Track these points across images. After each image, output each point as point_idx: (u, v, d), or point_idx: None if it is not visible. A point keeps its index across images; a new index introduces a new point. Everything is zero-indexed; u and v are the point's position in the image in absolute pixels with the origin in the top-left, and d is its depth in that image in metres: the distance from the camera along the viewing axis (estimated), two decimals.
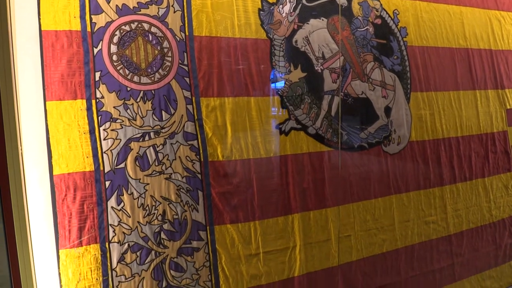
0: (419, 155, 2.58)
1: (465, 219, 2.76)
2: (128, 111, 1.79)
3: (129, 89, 1.80)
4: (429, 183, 2.62)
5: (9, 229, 1.72)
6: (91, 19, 1.75)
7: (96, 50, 1.75)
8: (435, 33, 2.70)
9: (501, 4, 3.08)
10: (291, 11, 2.19)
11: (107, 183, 1.75)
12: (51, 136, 1.69)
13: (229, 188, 1.99)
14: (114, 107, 1.77)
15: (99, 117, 1.75)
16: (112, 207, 1.75)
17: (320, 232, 2.22)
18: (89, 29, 1.75)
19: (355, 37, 2.39)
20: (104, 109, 1.75)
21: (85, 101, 1.73)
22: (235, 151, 2.01)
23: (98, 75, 1.75)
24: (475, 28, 2.90)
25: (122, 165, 1.77)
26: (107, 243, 1.73)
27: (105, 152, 1.75)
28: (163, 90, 1.86)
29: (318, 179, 2.22)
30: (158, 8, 1.87)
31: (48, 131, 1.68)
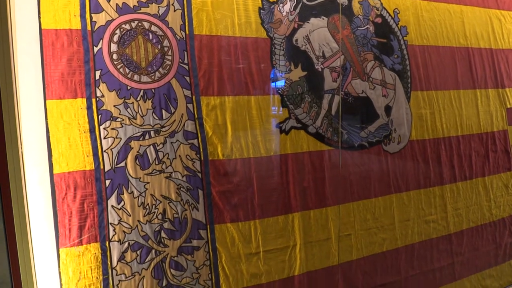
0: (420, 154, 2.58)
1: (465, 218, 2.76)
2: (128, 110, 1.79)
3: (129, 88, 1.80)
4: (429, 182, 2.62)
5: (9, 228, 1.72)
6: (91, 17, 1.75)
7: (96, 48, 1.75)
8: (435, 32, 2.70)
9: (502, 3, 3.07)
10: (292, 10, 2.18)
11: (107, 182, 1.75)
12: (51, 135, 1.69)
13: (230, 187, 1.99)
14: (114, 106, 1.77)
15: (99, 116, 1.75)
16: (112, 206, 1.75)
17: (320, 231, 2.22)
18: (89, 27, 1.75)
19: (356, 36, 2.38)
20: (104, 107, 1.75)
21: (85, 100, 1.73)
22: (236, 150, 2.01)
23: (98, 73, 1.75)
24: (475, 27, 2.89)
25: (122, 164, 1.77)
26: (107, 242, 1.74)
27: (105, 151, 1.75)
28: (163, 89, 1.86)
29: (318, 178, 2.22)
30: (158, 6, 1.87)
31: (48, 129, 1.68)
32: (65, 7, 1.71)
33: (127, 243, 1.77)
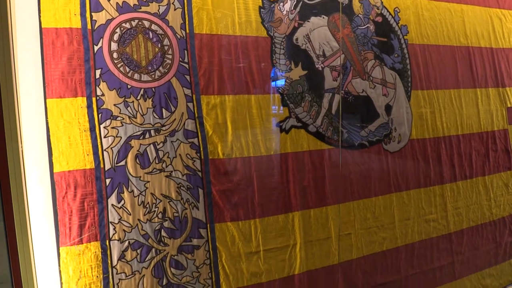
0: (420, 153, 2.58)
1: (465, 217, 2.76)
2: (128, 108, 1.79)
3: (129, 86, 1.80)
4: (429, 181, 2.62)
5: (9, 227, 1.73)
6: (91, 16, 1.75)
7: (96, 47, 1.75)
8: (436, 31, 2.70)
9: (502, 2, 3.07)
10: (292, 9, 2.18)
11: (108, 181, 1.75)
12: (52, 133, 1.69)
13: (230, 186, 1.99)
14: (114, 105, 1.77)
15: (100, 115, 1.74)
16: (112, 205, 1.75)
17: (320, 230, 2.22)
18: (89, 26, 1.75)
19: (356, 35, 2.38)
20: (104, 106, 1.75)
21: (85, 98, 1.73)
22: (236, 149, 2.01)
23: (98, 72, 1.75)
24: (476, 26, 2.89)
25: (122, 163, 1.77)
26: (107, 241, 1.74)
27: (105, 149, 1.75)
28: (164, 87, 1.86)
29: (318, 177, 2.22)
30: (158, 5, 1.87)
31: (48, 128, 1.68)
32: (65, 5, 1.71)
33: (127, 242, 1.77)
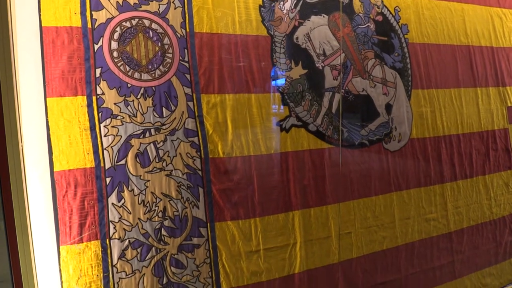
0: (420, 153, 2.58)
1: (465, 216, 2.76)
2: (128, 107, 1.79)
3: (129, 85, 1.80)
4: (429, 181, 2.62)
5: (9, 226, 1.73)
6: (91, 15, 1.75)
7: (96, 46, 1.75)
8: (436, 30, 2.70)
9: (503, 1, 3.07)
10: (292, 7, 2.18)
11: (108, 180, 1.75)
12: (52, 132, 1.69)
13: (230, 185, 1.99)
14: (114, 104, 1.77)
15: (100, 114, 1.74)
16: (112, 204, 1.75)
17: (320, 229, 2.22)
18: (89, 25, 1.75)
19: (356, 34, 2.38)
20: (104, 105, 1.75)
21: (85, 97, 1.73)
22: (236, 148, 2.01)
23: (98, 71, 1.75)
24: (476, 25, 2.89)
25: (122, 162, 1.77)
26: (107, 240, 1.74)
27: (105, 148, 1.75)
28: (164, 86, 1.86)
29: (318, 176, 2.22)
30: (158, 4, 1.87)
31: (48, 127, 1.68)
32: (66, 4, 1.71)
33: (127, 240, 1.77)
